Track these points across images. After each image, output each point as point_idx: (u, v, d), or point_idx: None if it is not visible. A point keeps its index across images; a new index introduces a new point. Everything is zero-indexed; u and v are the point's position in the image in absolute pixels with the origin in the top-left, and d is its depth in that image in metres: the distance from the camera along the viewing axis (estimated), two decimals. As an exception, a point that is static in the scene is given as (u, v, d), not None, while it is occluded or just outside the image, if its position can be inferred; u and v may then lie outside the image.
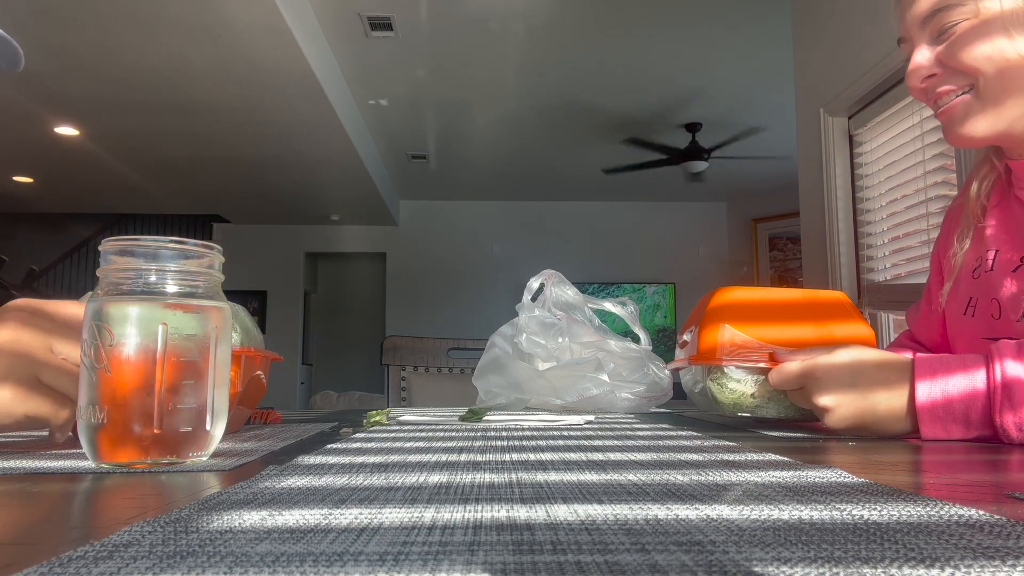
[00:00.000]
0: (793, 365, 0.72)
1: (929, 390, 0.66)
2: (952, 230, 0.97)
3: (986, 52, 0.77)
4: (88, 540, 0.25)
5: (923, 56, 0.82)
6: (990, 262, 0.87)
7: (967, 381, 0.65)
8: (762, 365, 0.77)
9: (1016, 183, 0.88)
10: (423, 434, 0.71)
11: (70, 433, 0.58)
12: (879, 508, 0.30)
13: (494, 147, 6.21)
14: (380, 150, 6.23)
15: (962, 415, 0.65)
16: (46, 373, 0.54)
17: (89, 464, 0.48)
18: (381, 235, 8.01)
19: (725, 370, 0.79)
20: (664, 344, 7.76)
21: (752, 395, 0.79)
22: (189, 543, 0.24)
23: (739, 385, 0.79)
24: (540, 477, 0.40)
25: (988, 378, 0.64)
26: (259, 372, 0.77)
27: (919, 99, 0.87)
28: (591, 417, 0.95)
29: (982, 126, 0.80)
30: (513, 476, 0.40)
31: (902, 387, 0.67)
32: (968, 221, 0.92)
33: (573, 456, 0.50)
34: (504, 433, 0.71)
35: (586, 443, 0.59)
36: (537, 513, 0.29)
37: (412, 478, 0.39)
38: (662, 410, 1.21)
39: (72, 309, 0.58)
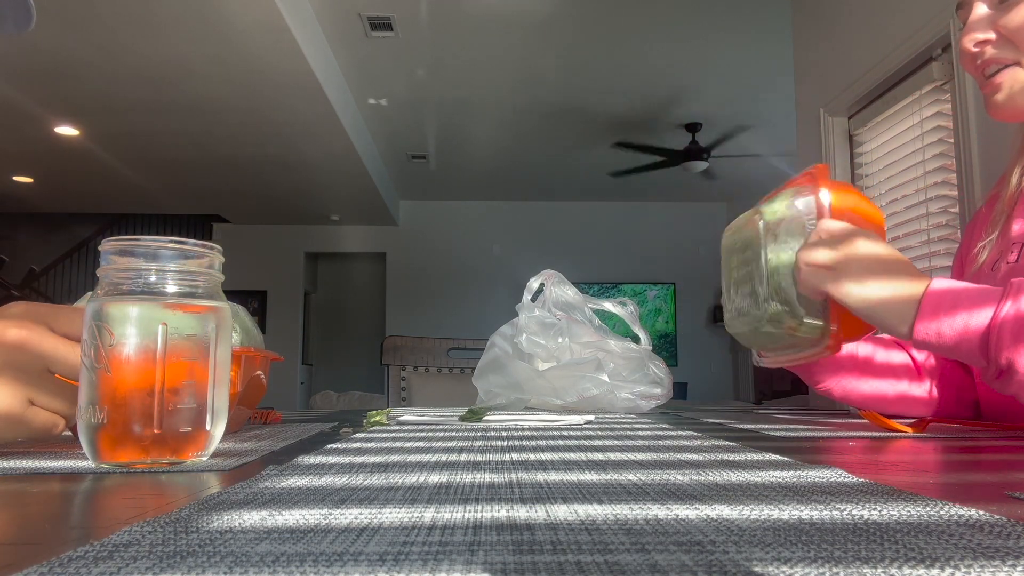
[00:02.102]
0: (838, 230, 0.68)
1: (946, 284, 0.66)
2: (980, 227, 0.95)
3: None
4: (88, 540, 0.25)
5: (980, 16, 0.79)
6: (1015, 255, 0.85)
7: (982, 295, 0.65)
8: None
9: None
10: (423, 434, 0.70)
11: (68, 432, 0.58)
12: (879, 508, 0.30)
13: (494, 147, 6.21)
14: (380, 150, 6.23)
15: (962, 322, 0.64)
16: (40, 398, 0.53)
17: (89, 464, 0.48)
18: (381, 235, 8.01)
19: (788, 226, 0.72)
20: (666, 350, 7.75)
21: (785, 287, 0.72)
22: (189, 543, 0.24)
23: (788, 254, 0.72)
24: (540, 477, 0.40)
25: (1000, 306, 0.63)
26: (259, 372, 0.77)
27: (967, 68, 0.84)
28: (591, 417, 0.95)
29: None
30: (513, 476, 0.40)
31: (920, 281, 0.67)
32: (1002, 211, 0.89)
33: (573, 456, 0.50)
34: (504, 433, 0.71)
35: (586, 443, 0.59)
36: (537, 513, 0.29)
37: (412, 478, 0.39)
38: (662, 410, 1.21)
39: (72, 327, 0.56)
